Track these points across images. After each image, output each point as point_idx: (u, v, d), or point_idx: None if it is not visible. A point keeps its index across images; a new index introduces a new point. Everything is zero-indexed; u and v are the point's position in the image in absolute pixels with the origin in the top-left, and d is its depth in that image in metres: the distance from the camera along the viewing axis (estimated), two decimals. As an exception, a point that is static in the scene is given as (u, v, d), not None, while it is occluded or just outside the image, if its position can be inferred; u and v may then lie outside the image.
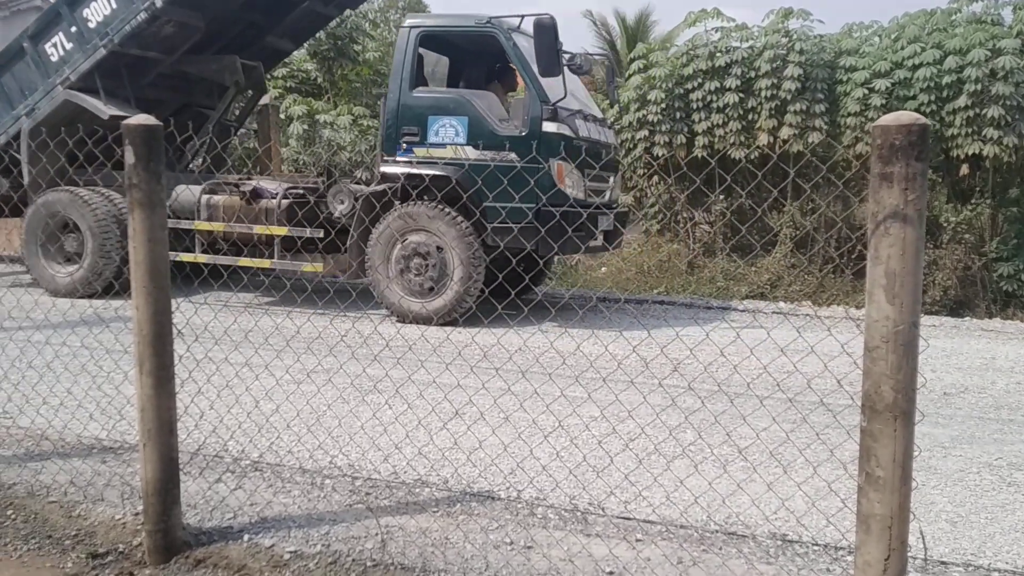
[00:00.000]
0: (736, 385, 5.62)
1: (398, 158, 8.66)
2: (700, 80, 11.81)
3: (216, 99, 11.19)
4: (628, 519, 3.72)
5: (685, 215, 12.38)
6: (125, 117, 9.92)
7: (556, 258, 12.92)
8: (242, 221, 9.32)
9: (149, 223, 3.15)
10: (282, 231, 9.18)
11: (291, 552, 3.29)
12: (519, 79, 8.83)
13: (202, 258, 9.48)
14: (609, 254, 11.49)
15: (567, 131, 8.23)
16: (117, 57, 9.80)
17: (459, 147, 8.40)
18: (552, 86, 8.31)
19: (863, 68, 11.09)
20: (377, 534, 3.45)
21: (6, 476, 4.01)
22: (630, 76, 12.62)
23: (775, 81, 11.30)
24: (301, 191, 9.57)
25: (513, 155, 8.11)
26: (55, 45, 9.95)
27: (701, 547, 3.45)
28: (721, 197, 11.79)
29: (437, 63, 10.69)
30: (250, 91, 11.60)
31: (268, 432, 4.68)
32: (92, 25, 9.69)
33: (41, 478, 3.98)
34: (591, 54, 11.71)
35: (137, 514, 3.52)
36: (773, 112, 11.37)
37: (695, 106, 11.87)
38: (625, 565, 3.25)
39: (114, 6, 9.55)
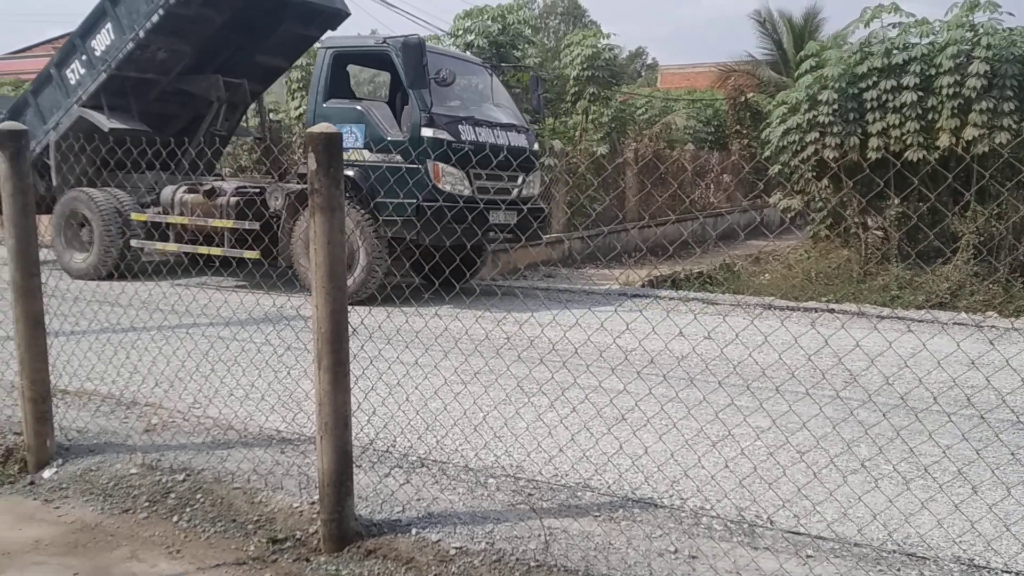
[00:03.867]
0: (917, 399, 5.30)
1: None
2: (875, 79, 11.20)
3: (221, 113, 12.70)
4: (798, 534, 3.58)
5: (856, 220, 11.80)
6: (125, 129, 11.17)
7: (714, 265, 12.73)
8: (203, 216, 10.73)
9: (328, 227, 3.27)
10: (229, 224, 10.41)
11: (456, 548, 3.36)
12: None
13: (172, 247, 11.18)
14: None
15: (445, 135, 9.28)
16: (119, 79, 11.41)
17: (358, 151, 9.53)
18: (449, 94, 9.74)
19: (1059, 62, 10.26)
20: (540, 535, 3.46)
21: (196, 462, 4.28)
22: (800, 76, 12.14)
23: (958, 78, 10.60)
24: (252, 189, 10.77)
25: (399, 157, 9.16)
26: (72, 71, 11.76)
27: (878, 567, 3.28)
28: (895, 201, 11.16)
29: (376, 76, 12.16)
30: (239, 106, 12.95)
31: (435, 430, 4.79)
32: (98, 53, 11.41)
33: (227, 465, 4.23)
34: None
35: (313, 503, 3.68)
36: (956, 111, 10.68)
37: (869, 106, 11.29)
38: (797, 581, 3.13)
39: (112, 37, 11.24)
